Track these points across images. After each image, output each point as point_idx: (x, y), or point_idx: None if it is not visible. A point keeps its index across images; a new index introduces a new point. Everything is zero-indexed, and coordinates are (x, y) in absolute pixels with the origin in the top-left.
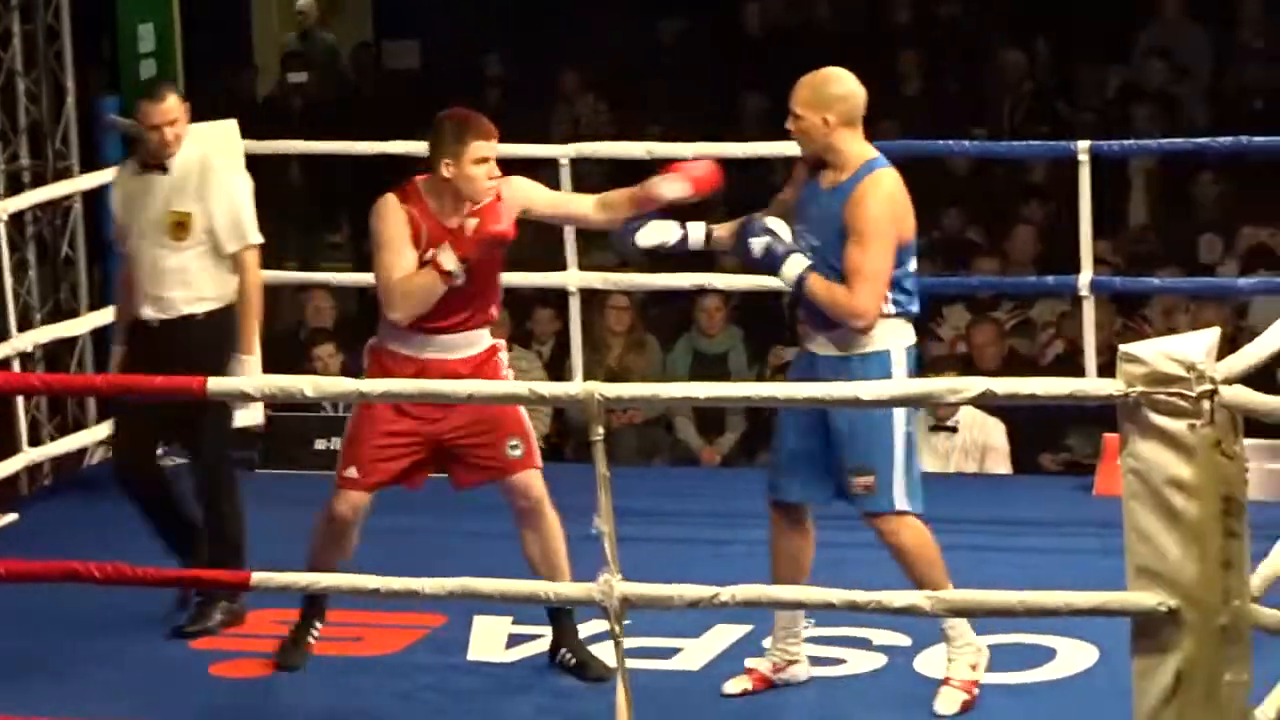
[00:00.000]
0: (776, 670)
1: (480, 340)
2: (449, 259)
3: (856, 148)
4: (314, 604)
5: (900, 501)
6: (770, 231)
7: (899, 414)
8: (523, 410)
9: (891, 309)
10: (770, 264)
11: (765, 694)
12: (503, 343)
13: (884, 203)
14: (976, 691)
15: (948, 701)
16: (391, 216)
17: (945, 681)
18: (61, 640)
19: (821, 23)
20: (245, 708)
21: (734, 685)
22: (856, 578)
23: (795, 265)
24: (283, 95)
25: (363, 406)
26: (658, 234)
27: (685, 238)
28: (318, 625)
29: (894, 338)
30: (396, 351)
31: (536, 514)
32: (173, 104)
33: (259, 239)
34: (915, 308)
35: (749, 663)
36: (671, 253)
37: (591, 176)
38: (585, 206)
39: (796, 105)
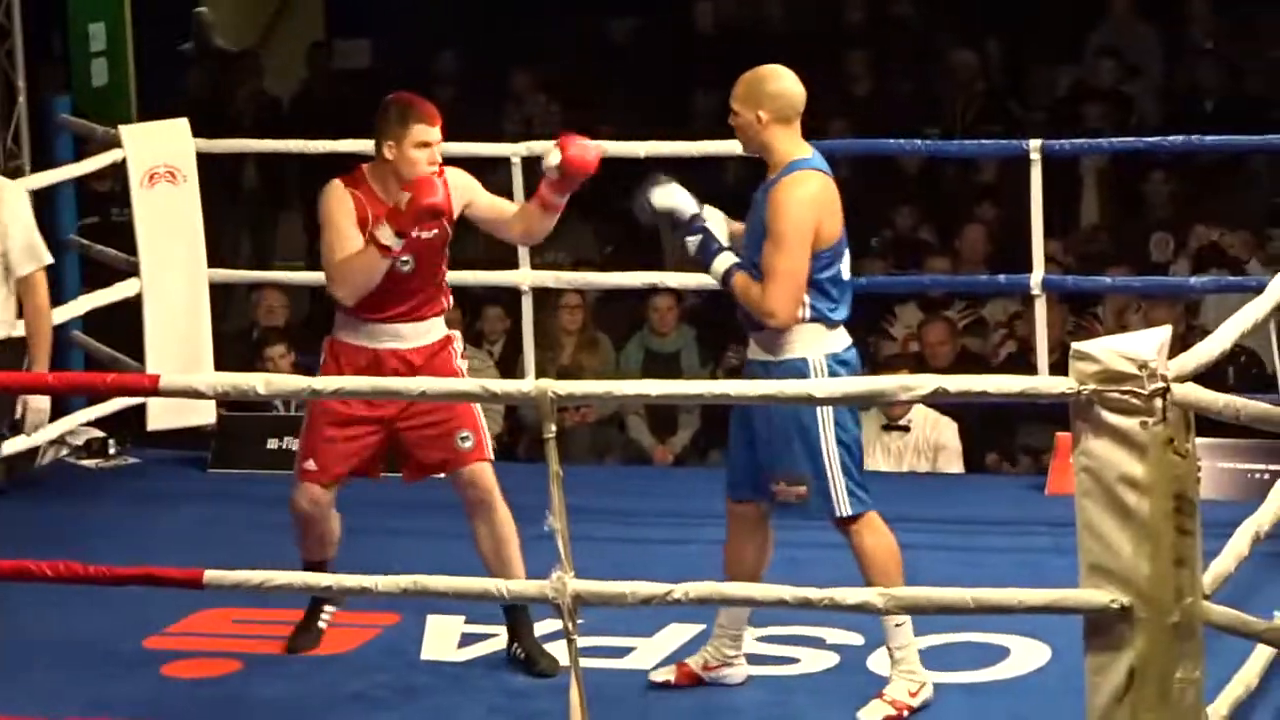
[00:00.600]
0: (707, 669)
1: (433, 330)
2: (385, 233)
3: (788, 146)
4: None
5: (843, 506)
6: (704, 230)
7: (827, 420)
8: (476, 405)
9: (808, 314)
10: (703, 261)
11: (717, 693)
12: (458, 334)
13: (801, 204)
14: (907, 716)
15: (873, 711)
16: (336, 199)
17: (879, 695)
18: (12, 640)
19: (773, 22)
20: (198, 708)
21: (660, 674)
22: (811, 576)
23: (722, 262)
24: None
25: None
26: (671, 198)
27: (700, 217)
28: (328, 609)
29: (812, 345)
30: (349, 342)
31: (487, 506)
32: None
33: (50, 259)
34: (840, 314)
35: (687, 659)
36: (682, 229)
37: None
38: (509, 215)
39: (734, 101)
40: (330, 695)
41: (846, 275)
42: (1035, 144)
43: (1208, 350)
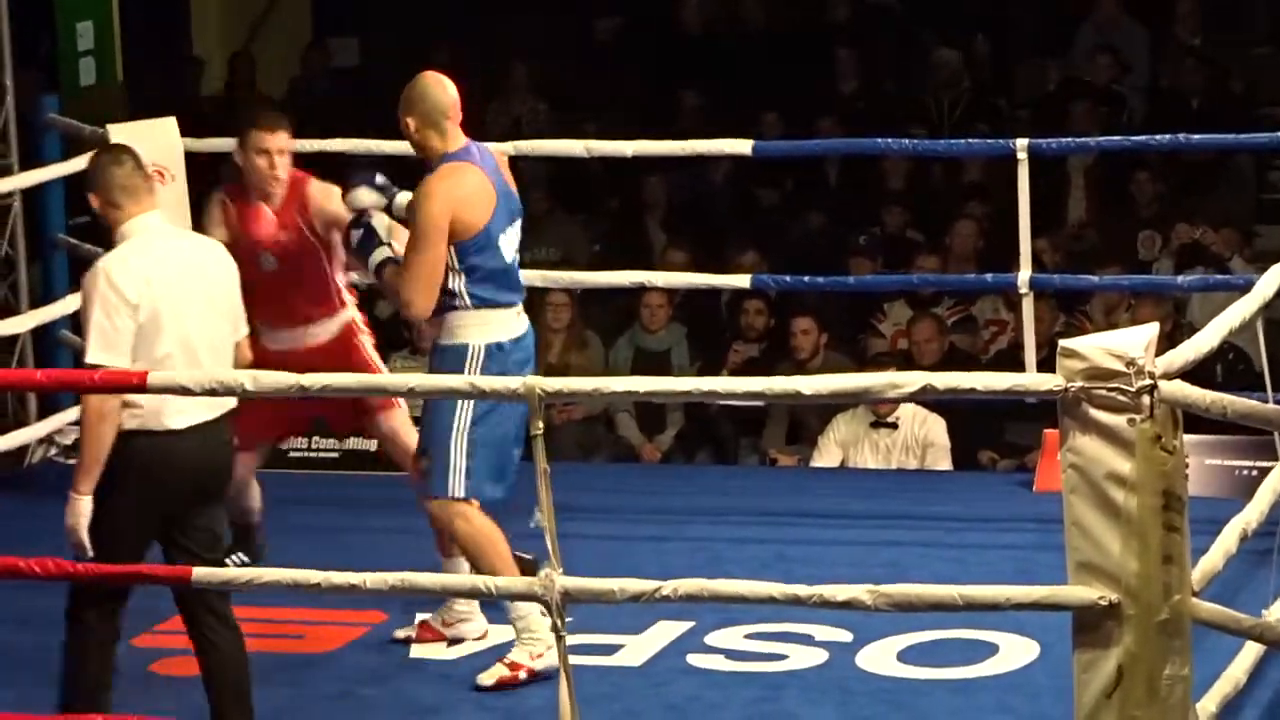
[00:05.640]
0: (447, 625)
1: (328, 328)
2: None
3: (439, 145)
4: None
5: (453, 489)
6: (366, 225)
7: (465, 415)
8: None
9: (469, 301)
10: (363, 254)
11: (707, 690)
12: (358, 317)
13: (436, 197)
14: (522, 676)
15: (491, 675)
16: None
17: (500, 659)
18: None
19: (758, 20)
20: (185, 705)
21: (402, 631)
22: (800, 573)
23: (377, 256)
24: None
25: None
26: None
27: (367, 214)
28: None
29: (474, 332)
30: (264, 346)
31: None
32: None
33: None
34: (506, 298)
35: (421, 616)
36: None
37: (531, 173)
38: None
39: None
40: (318, 694)
41: (507, 260)
42: (1022, 143)
43: (1195, 347)
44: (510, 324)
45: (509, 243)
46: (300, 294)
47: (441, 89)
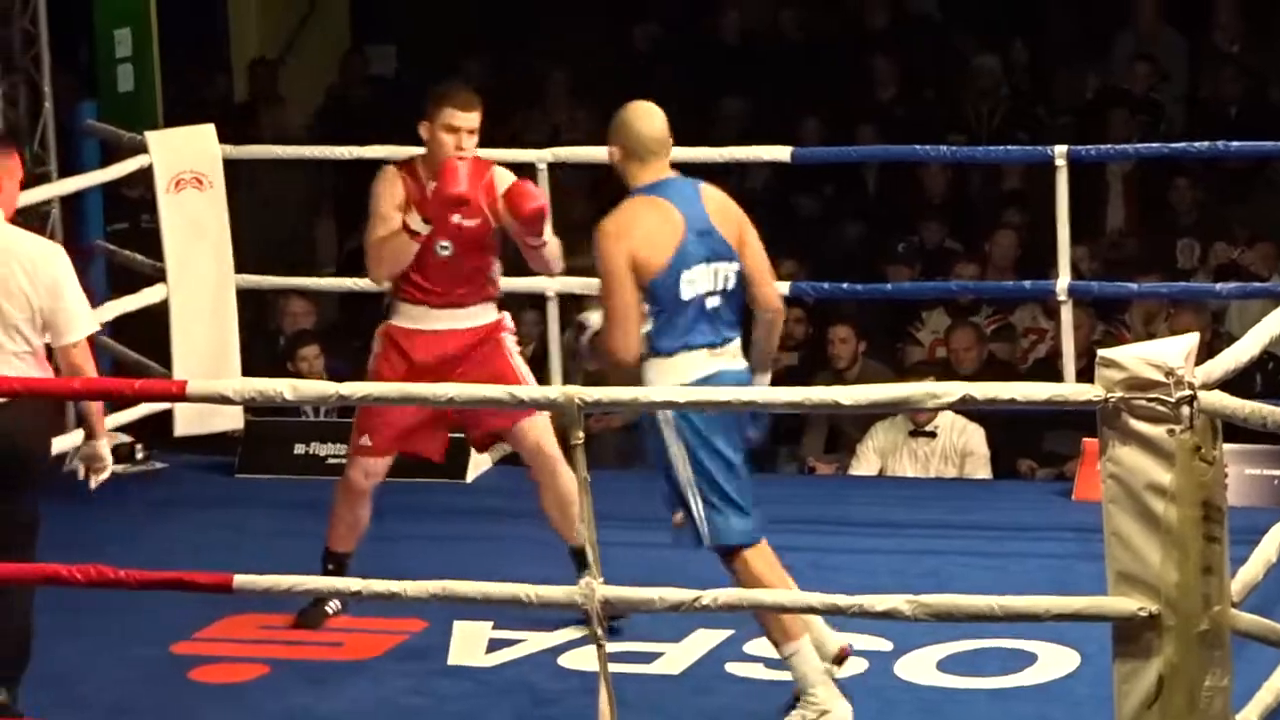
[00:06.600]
0: None
1: (484, 314)
2: (414, 218)
3: (637, 176)
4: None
5: (705, 538)
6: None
7: (675, 447)
8: (521, 369)
9: (652, 349)
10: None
11: (745, 698)
12: (508, 317)
13: (610, 235)
14: None
15: None
16: (384, 183)
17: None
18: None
19: (796, 28)
20: (225, 713)
21: None
22: (839, 582)
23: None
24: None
25: (374, 374)
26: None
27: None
28: (334, 603)
29: (655, 381)
30: (400, 326)
31: (551, 461)
32: None
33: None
34: (681, 340)
35: None
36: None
37: (571, 181)
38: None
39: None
40: (357, 701)
41: (688, 295)
42: (1061, 150)
43: (1235, 357)
44: (696, 365)
45: (697, 280)
46: (469, 276)
47: (647, 121)
